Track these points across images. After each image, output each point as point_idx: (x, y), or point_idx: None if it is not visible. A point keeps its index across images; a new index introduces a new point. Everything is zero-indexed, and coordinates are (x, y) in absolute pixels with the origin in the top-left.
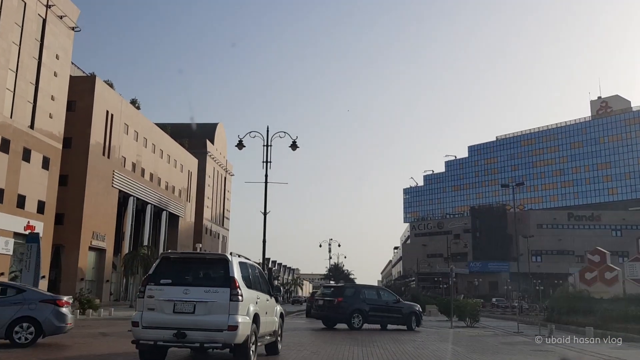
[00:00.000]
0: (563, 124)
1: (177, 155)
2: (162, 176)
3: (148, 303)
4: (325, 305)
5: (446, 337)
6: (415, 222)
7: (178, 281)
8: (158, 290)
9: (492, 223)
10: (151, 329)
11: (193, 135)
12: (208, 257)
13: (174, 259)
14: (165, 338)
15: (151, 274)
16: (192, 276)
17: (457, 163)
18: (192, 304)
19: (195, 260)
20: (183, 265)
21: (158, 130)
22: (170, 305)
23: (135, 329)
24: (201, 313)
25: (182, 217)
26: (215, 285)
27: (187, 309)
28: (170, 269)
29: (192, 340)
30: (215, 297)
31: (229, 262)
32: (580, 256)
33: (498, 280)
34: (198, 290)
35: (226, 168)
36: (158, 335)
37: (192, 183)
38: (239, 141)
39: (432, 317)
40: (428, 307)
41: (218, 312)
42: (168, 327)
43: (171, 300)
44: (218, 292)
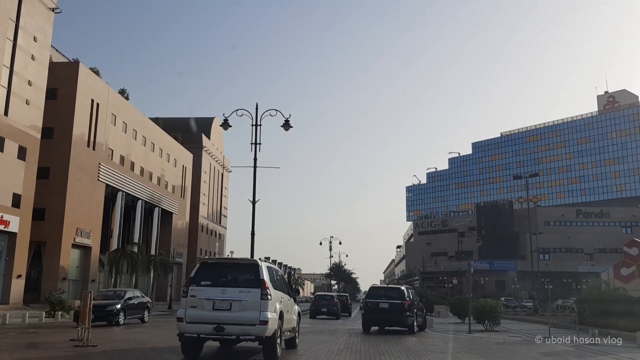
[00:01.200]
0: (569, 119)
1: (170, 149)
2: (153, 171)
3: (191, 302)
4: (391, 309)
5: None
6: (418, 220)
7: (216, 282)
8: (199, 290)
9: (498, 220)
10: (194, 324)
11: (188, 130)
12: (241, 262)
13: (211, 264)
14: (207, 331)
15: (193, 277)
16: (228, 278)
17: (460, 160)
18: (228, 302)
19: (230, 264)
20: (219, 269)
21: (149, 123)
22: (210, 304)
23: (180, 324)
24: (236, 310)
25: (175, 214)
26: (248, 286)
27: (225, 307)
28: (209, 272)
29: (230, 333)
30: (248, 296)
31: (259, 266)
32: (589, 254)
33: (505, 279)
34: (233, 291)
35: (223, 164)
36: (200, 329)
37: (187, 179)
38: (224, 120)
39: (442, 318)
40: (437, 308)
41: (251, 309)
42: (209, 322)
43: (211, 299)
44: (251, 292)
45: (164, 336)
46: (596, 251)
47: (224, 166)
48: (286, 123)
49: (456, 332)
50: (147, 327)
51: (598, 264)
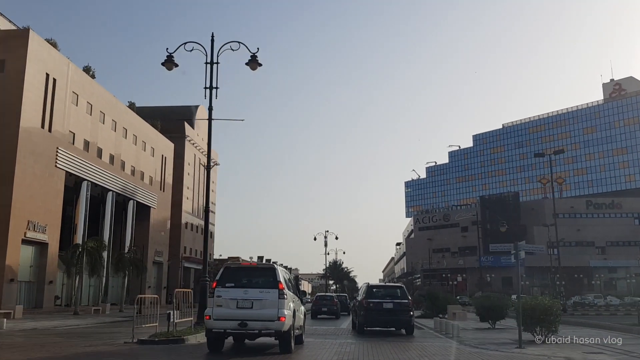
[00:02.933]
0: (574, 108)
1: (147, 136)
2: (126, 159)
3: (217, 301)
4: (398, 309)
5: None
6: (419, 215)
7: (239, 284)
8: (224, 291)
9: (504, 213)
10: (220, 321)
11: (169, 118)
12: (260, 266)
13: (233, 268)
14: (232, 327)
15: (218, 279)
16: (249, 280)
17: (461, 153)
18: (250, 302)
19: (249, 268)
20: (241, 272)
21: (120, 106)
22: (234, 303)
23: (207, 321)
24: (257, 308)
25: (154, 208)
26: (267, 287)
27: (247, 305)
28: (232, 275)
29: (252, 328)
30: (267, 296)
31: (276, 270)
32: (601, 247)
33: (512, 275)
34: (254, 291)
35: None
36: (226, 325)
37: (167, 170)
38: (168, 56)
39: (461, 321)
40: (451, 309)
41: (270, 307)
42: (233, 319)
43: (235, 299)
44: (269, 292)
45: None
46: (608, 244)
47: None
48: (253, 59)
49: (499, 345)
50: None
51: (611, 257)
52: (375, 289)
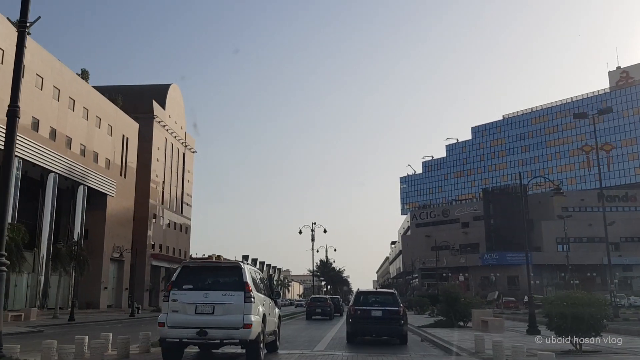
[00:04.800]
0: (579, 97)
1: (103, 111)
2: (74, 136)
3: (172, 306)
4: (387, 317)
5: None
6: (416, 211)
7: (198, 286)
8: (181, 294)
9: (509, 207)
10: (176, 329)
11: (135, 97)
12: (223, 265)
13: (193, 267)
14: (189, 336)
15: (174, 280)
16: (210, 281)
17: (459, 146)
18: (211, 306)
19: (212, 267)
20: (202, 272)
21: (66, 72)
22: (192, 307)
23: (161, 329)
24: (220, 313)
25: (112, 196)
26: (231, 289)
27: (207, 310)
28: (191, 275)
29: (213, 337)
30: (231, 300)
31: (242, 269)
32: (615, 243)
33: (518, 274)
34: (216, 294)
35: (185, 142)
36: (182, 334)
37: (130, 153)
38: None
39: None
40: (478, 315)
41: (234, 312)
42: (191, 326)
43: (193, 303)
44: (234, 295)
45: None
46: (622, 240)
47: (186, 145)
48: None
49: None
50: None
51: (626, 254)
52: (365, 295)
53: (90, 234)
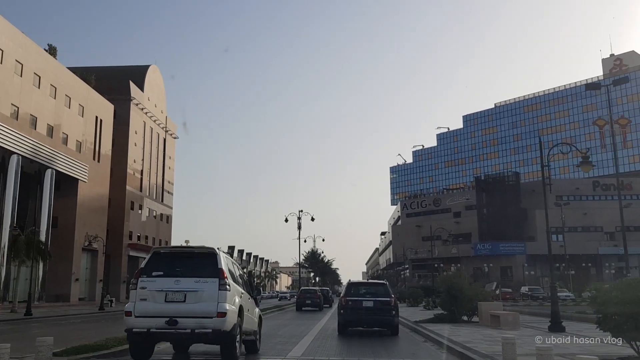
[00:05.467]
0: (572, 85)
1: (73, 91)
2: (40, 116)
3: (140, 294)
4: (379, 307)
5: None
6: (407, 201)
7: (169, 273)
8: (150, 281)
9: (503, 196)
10: (144, 318)
11: (110, 78)
12: (197, 251)
13: (164, 253)
14: (158, 325)
15: (143, 267)
16: (182, 268)
17: (450, 135)
18: (183, 294)
19: (185, 253)
20: (173, 259)
21: (30, 45)
22: (162, 295)
23: (128, 319)
24: (192, 301)
25: (84, 181)
26: (205, 275)
27: (179, 298)
28: (162, 262)
29: (184, 326)
30: (204, 287)
31: (217, 255)
32: (610, 233)
33: (512, 264)
34: (188, 281)
35: (166, 127)
36: (151, 323)
37: (105, 137)
38: None
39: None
40: (485, 308)
41: (208, 300)
42: (160, 315)
43: (163, 291)
44: (207, 282)
45: None
46: (618, 229)
47: (167, 130)
48: None
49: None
50: None
51: (621, 244)
52: (356, 286)
53: (60, 222)
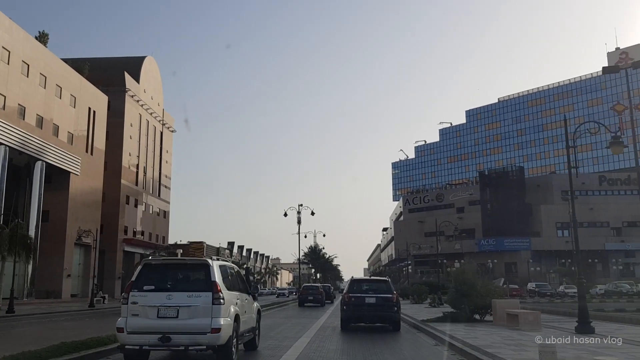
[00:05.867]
0: (577, 79)
1: (65, 81)
2: (29, 106)
3: (132, 309)
4: (381, 304)
5: None
6: (409, 196)
7: (161, 287)
8: (142, 296)
9: (507, 191)
10: (136, 334)
11: (105, 69)
12: (189, 263)
13: (155, 265)
14: (151, 342)
15: (134, 281)
16: (174, 281)
17: (453, 131)
18: (175, 309)
19: (177, 265)
20: (165, 271)
21: (17, 31)
22: (154, 311)
23: (120, 335)
24: (185, 317)
25: (76, 174)
26: (198, 289)
27: (171, 314)
28: (153, 275)
29: (177, 343)
30: (197, 302)
31: (210, 266)
32: (616, 228)
33: (517, 260)
34: (181, 295)
35: (163, 120)
36: (143, 340)
37: (99, 129)
38: None
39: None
40: (500, 306)
41: (201, 315)
42: (153, 331)
43: (155, 306)
44: (201, 296)
45: None
46: (625, 225)
47: (164, 123)
48: None
49: None
50: None
51: (628, 240)
52: (358, 283)
53: (52, 216)
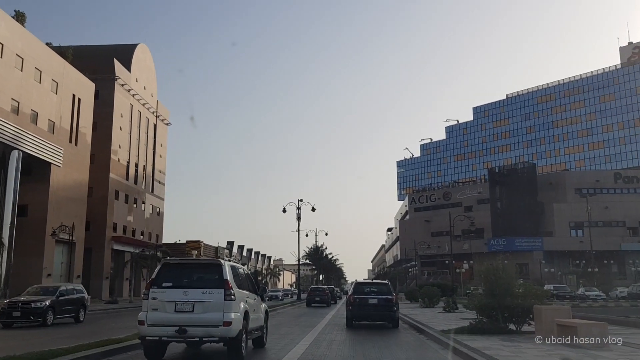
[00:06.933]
0: (589, 74)
1: (46, 64)
2: (2, 90)
3: (152, 304)
4: (382, 304)
5: None
6: (415, 194)
7: (178, 284)
8: (161, 292)
9: (518, 189)
10: (156, 327)
11: (93, 56)
12: (204, 262)
13: (173, 265)
14: (169, 334)
15: (154, 278)
16: (190, 279)
17: (459, 128)
18: (191, 304)
19: (192, 265)
20: (182, 270)
21: None
22: (172, 305)
23: (141, 327)
24: (199, 311)
25: (57, 166)
26: (211, 286)
27: (187, 308)
28: (171, 273)
29: (192, 335)
30: (211, 297)
31: (223, 266)
32: (633, 228)
33: (529, 261)
34: (196, 292)
35: (157, 112)
36: (162, 332)
37: (85, 118)
38: None
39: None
40: (548, 314)
41: (214, 310)
42: (171, 324)
43: (173, 301)
44: (214, 292)
45: None
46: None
47: (158, 115)
48: None
49: None
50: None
51: None
52: (362, 285)
53: (31, 211)
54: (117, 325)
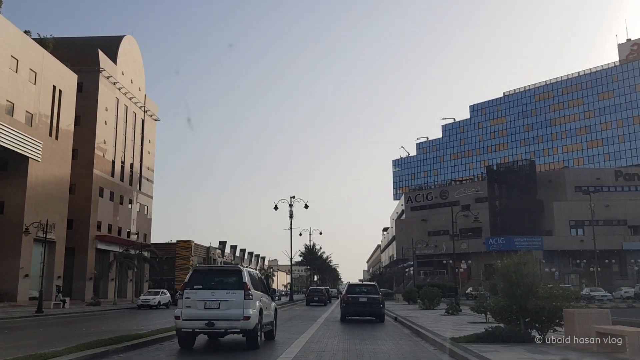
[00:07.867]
0: (587, 71)
1: (23, 53)
2: None
3: (186, 302)
4: (371, 302)
5: None
6: (411, 193)
7: (206, 286)
8: (193, 293)
9: (517, 187)
10: (189, 321)
11: (77, 48)
12: (227, 269)
13: (202, 270)
14: (200, 327)
15: (187, 282)
16: (216, 282)
17: (456, 126)
18: (217, 302)
19: (217, 270)
20: (209, 274)
21: None
22: (202, 304)
23: (177, 321)
24: (224, 308)
25: (36, 160)
26: (233, 288)
27: (214, 306)
28: (200, 277)
29: (219, 327)
30: (233, 297)
31: (242, 271)
32: (634, 227)
33: (528, 260)
34: (221, 292)
35: (145, 107)
36: (195, 325)
37: (66, 111)
38: None
39: None
40: (587, 321)
41: (236, 307)
42: (201, 319)
43: (202, 300)
44: (235, 293)
45: None
46: None
47: (146, 110)
48: None
49: None
50: None
51: None
52: (353, 286)
53: (7, 208)
54: (71, 332)
